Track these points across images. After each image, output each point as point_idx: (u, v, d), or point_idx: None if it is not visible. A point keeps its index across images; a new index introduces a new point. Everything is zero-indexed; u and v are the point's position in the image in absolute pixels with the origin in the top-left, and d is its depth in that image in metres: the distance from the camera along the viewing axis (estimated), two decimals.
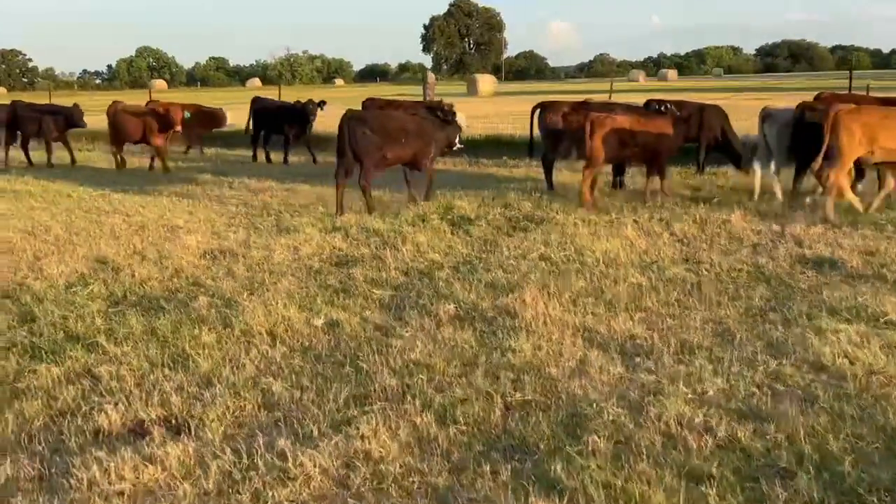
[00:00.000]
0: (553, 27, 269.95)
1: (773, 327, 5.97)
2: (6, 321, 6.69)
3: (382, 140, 11.07)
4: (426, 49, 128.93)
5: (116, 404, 4.92)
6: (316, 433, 4.47)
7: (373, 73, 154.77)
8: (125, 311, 6.90)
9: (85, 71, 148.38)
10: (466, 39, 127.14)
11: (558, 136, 13.23)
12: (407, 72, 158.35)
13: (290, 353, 5.83)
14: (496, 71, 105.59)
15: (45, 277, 8.02)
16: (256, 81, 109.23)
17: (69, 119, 18.27)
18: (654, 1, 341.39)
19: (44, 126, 18.15)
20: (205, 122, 19.53)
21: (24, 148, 18.64)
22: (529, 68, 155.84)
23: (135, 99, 23.24)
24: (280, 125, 18.49)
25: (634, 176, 13.76)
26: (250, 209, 11.89)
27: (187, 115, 17.20)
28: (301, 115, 18.25)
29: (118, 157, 17.66)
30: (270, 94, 25.01)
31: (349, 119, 11.05)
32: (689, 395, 4.71)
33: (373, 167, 11.15)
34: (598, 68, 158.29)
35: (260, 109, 19.01)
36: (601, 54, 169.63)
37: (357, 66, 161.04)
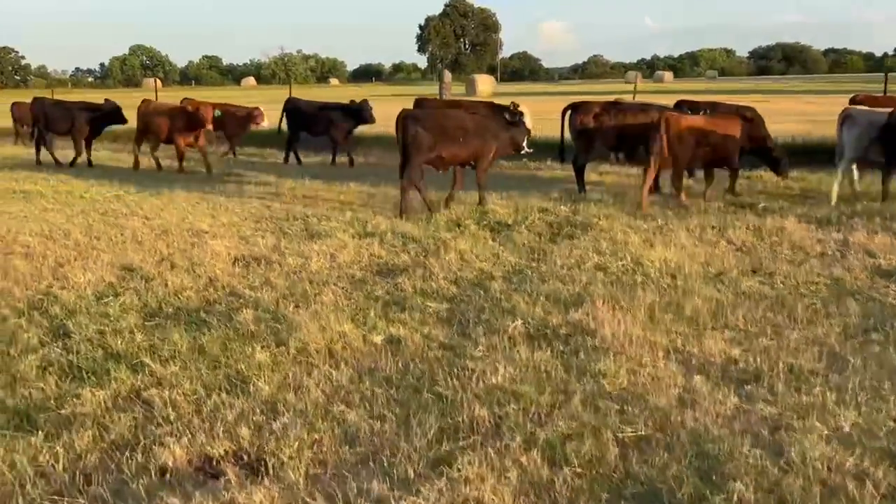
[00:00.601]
0: (546, 28, 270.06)
1: (882, 349, 5.49)
2: (37, 335, 6.15)
3: (437, 139, 10.69)
4: (421, 49, 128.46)
5: (178, 437, 4.40)
6: (412, 474, 3.96)
7: (367, 73, 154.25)
8: (163, 324, 6.38)
9: (77, 69, 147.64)
10: (462, 40, 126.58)
11: (590, 138, 12.76)
12: (401, 72, 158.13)
13: (356, 375, 5.31)
14: (491, 71, 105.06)
15: (72, 287, 7.48)
16: (251, 80, 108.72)
17: (109, 116, 17.50)
18: (647, 3, 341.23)
19: (77, 124, 17.26)
20: (241, 122, 18.74)
21: (50, 147, 17.85)
22: (523, 69, 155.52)
23: (123, 97, 22.62)
24: (325, 126, 17.67)
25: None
26: (274, 212, 11.36)
27: (217, 113, 16.44)
28: (355, 115, 17.47)
29: (138, 156, 17.04)
30: (266, 93, 24.51)
31: (404, 117, 10.74)
32: (825, 432, 4.21)
33: (420, 167, 10.80)
34: (591, 70, 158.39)
35: (295, 109, 18.24)
36: (595, 56, 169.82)
37: (351, 66, 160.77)
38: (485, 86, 65.77)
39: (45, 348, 5.89)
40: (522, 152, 11.77)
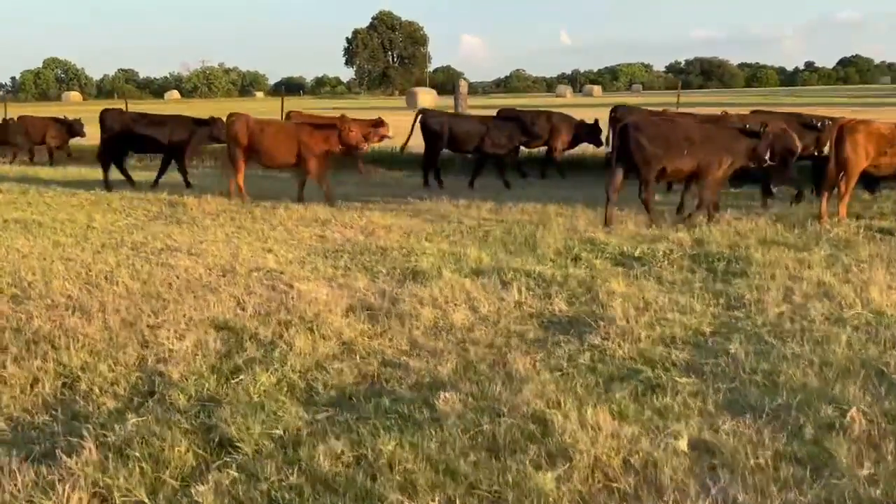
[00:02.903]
0: (465, 42, 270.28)
1: None
2: (186, 445, 4.26)
3: (664, 150, 9.92)
4: (349, 62, 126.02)
5: None
6: None
7: (288, 87, 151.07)
8: (345, 422, 4.58)
9: None
10: (390, 53, 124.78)
11: None
12: (325, 86, 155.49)
13: None
14: (419, 85, 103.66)
15: (176, 358, 5.59)
16: (175, 94, 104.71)
17: (212, 132, 15.16)
18: (562, 19, 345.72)
19: (174, 140, 14.88)
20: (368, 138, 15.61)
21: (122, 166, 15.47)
22: (447, 83, 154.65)
23: (42, 110, 20.29)
24: (477, 142, 15.05)
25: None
26: (333, 243, 9.56)
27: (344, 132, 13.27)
28: (526, 130, 15.26)
29: (236, 184, 13.31)
30: (185, 106, 22.39)
31: (628, 127, 10.01)
32: None
33: (652, 182, 10.27)
34: (514, 83, 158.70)
35: (438, 124, 15.37)
36: (517, 70, 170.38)
37: (272, 80, 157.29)
38: (427, 99, 64.41)
39: (213, 473, 4.02)
40: (764, 165, 10.36)
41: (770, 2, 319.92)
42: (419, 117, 15.42)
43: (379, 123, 15.12)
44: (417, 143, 15.65)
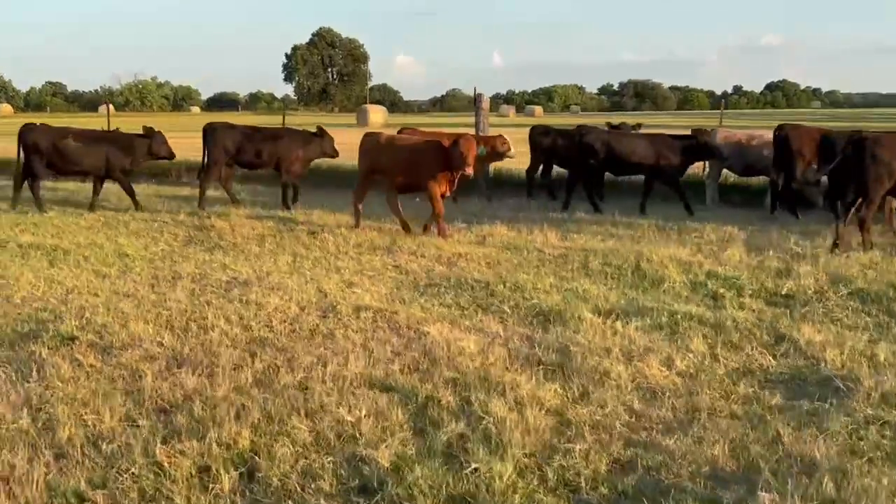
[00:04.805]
0: (399, 62, 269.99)
1: None
2: None
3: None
4: (288, 79, 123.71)
5: None
6: None
7: (222, 102, 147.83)
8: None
9: None
10: (329, 70, 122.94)
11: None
12: (260, 101, 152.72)
13: None
14: (360, 102, 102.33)
15: (369, 437, 4.37)
16: (110, 107, 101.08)
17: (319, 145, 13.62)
18: (494, 41, 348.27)
19: (266, 156, 13.27)
20: (490, 156, 13.42)
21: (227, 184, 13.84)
22: (384, 101, 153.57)
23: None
24: (645, 163, 13.13)
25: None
26: (421, 277, 8.38)
27: (482, 150, 11.10)
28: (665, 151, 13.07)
29: (356, 211, 11.45)
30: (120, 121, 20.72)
31: (863, 141, 9.34)
32: None
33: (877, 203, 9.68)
34: (450, 103, 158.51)
35: (597, 141, 13.20)
36: (453, 89, 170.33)
37: (204, 95, 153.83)
38: (377, 117, 63.43)
39: None
40: None
41: (692, 25, 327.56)
42: (577, 135, 13.57)
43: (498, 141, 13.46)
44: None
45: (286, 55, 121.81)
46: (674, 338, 6.27)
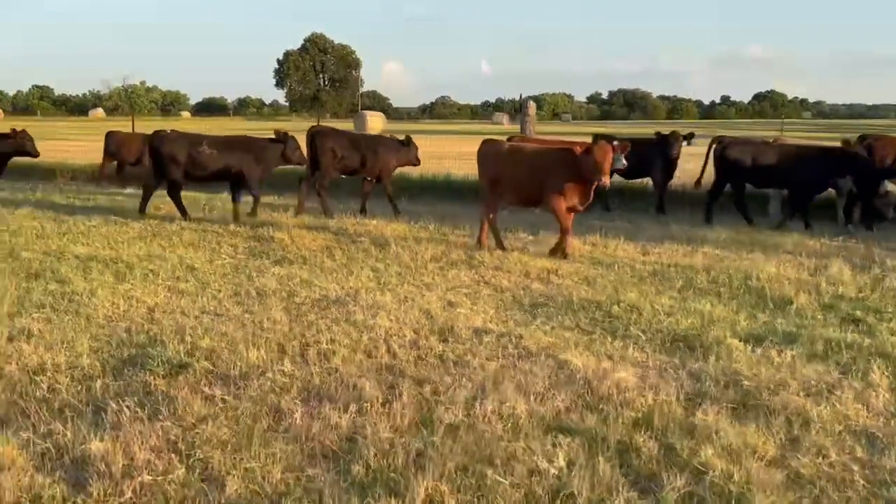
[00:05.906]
0: (387, 69, 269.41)
1: None
2: None
3: None
4: (279, 84, 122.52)
5: None
6: None
7: (211, 107, 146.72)
8: None
9: None
10: (321, 76, 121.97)
11: None
12: (249, 107, 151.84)
13: None
14: (353, 109, 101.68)
15: (585, 496, 3.74)
16: (100, 112, 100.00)
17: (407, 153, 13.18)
18: (483, 48, 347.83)
19: (369, 163, 12.78)
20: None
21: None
22: (373, 107, 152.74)
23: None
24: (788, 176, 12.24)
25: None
26: (524, 296, 7.76)
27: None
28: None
29: (492, 229, 10.40)
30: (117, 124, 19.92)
31: None
32: None
33: None
34: (440, 110, 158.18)
35: (741, 153, 12.51)
36: (443, 97, 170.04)
37: (193, 100, 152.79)
38: (376, 123, 62.85)
39: None
40: None
41: (679, 35, 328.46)
42: (714, 146, 12.80)
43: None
44: None
45: (278, 60, 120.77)
46: (845, 369, 5.66)
